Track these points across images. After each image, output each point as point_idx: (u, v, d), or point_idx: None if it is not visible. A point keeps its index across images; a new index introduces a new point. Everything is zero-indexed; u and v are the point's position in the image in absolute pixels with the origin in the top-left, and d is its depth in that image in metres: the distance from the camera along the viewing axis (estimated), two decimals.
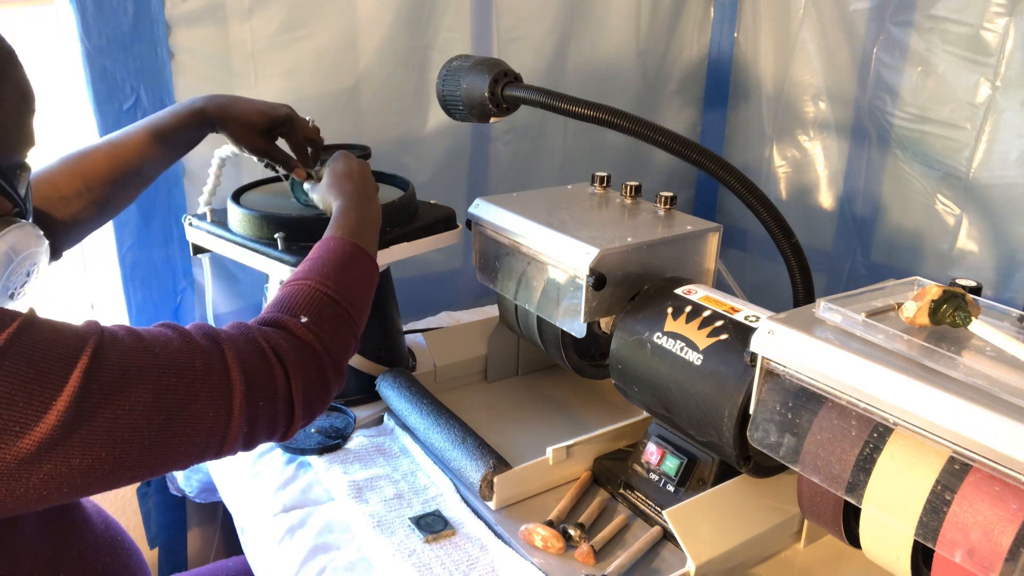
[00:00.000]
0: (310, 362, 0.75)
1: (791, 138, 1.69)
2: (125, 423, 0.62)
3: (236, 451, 0.72)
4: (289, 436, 0.76)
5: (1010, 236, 1.34)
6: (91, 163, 0.97)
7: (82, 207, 0.96)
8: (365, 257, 0.88)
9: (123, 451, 0.63)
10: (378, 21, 1.41)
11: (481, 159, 1.62)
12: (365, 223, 0.92)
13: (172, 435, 0.65)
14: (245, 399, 0.69)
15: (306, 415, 0.76)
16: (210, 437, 0.68)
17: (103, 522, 0.86)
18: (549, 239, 1.03)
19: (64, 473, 0.61)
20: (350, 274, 0.84)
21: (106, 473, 0.63)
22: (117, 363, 0.63)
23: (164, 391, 0.65)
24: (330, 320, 0.79)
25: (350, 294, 0.82)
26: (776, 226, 0.98)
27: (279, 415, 0.73)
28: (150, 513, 1.46)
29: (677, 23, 1.77)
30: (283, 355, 0.73)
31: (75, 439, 0.60)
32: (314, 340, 0.76)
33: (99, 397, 0.61)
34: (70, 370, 0.60)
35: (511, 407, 1.23)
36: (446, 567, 0.88)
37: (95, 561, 0.81)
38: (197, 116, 1.02)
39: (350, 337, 0.82)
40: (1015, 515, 0.59)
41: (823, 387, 0.71)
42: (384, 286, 1.23)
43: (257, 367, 0.71)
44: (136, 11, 1.19)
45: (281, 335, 0.75)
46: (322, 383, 0.77)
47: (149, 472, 0.67)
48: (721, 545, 0.84)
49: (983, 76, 1.31)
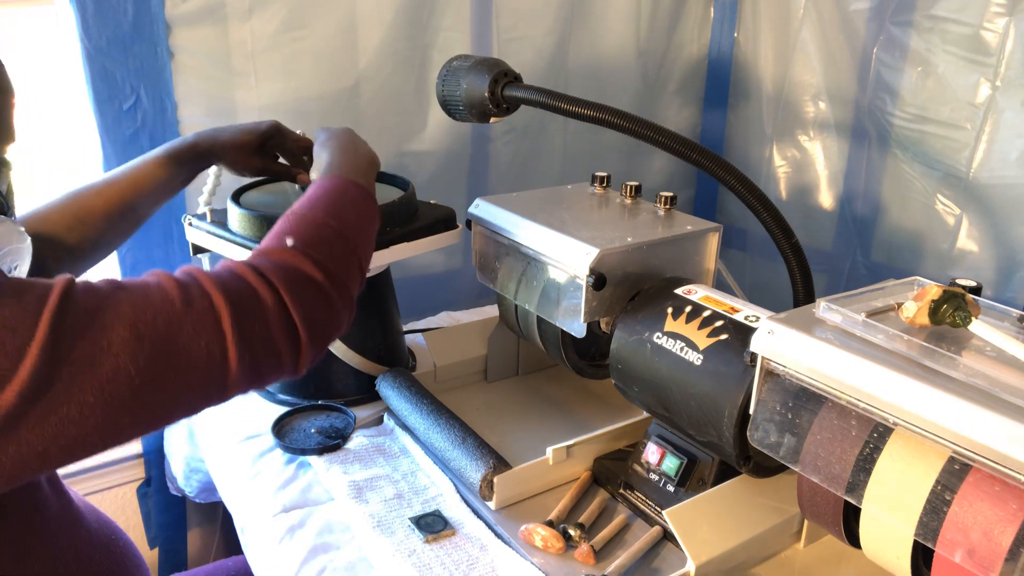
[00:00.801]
0: (302, 280, 0.72)
1: (791, 138, 1.69)
2: (107, 362, 0.60)
3: (245, 385, 0.69)
4: (302, 366, 0.72)
5: (1010, 236, 1.34)
6: (85, 199, 0.98)
7: (75, 242, 0.96)
8: (355, 186, 0.85)
9: (112, 393, 0.60)
10: (378, 21, 1.41)
11: (481, 159, 1.62)
12: (353, 160, 0.90)
13: (164, 370, 0.62)
14: (234, 323, 0.66)
15: (315, 339, 0.72)
16: (208, 371, 0.65)
17: (96, 520, 0.86)
18: (549, 239, 1.03)
19: (55, 423, 0.58)
20: (341, 200, 0.82)
21: (101, 420, 0.60)
22: (88, 302, 0.61)
23: (143, 325, 0.62)
24: (322, 240, 0.76)
25: (342, 217, 0.80)
26: (776, 226, 0.98)
27: (281, 339, 0.69)
28: (150, 513, 1.46)
29: (677, 23, 1.77)
30: (268, 275, 0.70)
31: (58, 384, 0.58)
32: (304, 259, 0.73)
33: (73, 336, 0.59)
34: (39, 314, 0.58)
35: (511, 407, 1.23)
36: (446, 567, 0.88)
37: (91, 560, 0.81)
38: (189, 151, 1.04)
39: (348, 255, 0.78)
40: (1015, 515, 0.59)
41: (823, 387, 0.72)
42: (384, 286, 1.23)
43: (241, 290, 0.68)
44: (136, 11, 1.19)
45: (266, 260, 0.72)
46: (324, 302, 0.73)
47: (151, 417, 0.64)
48: (721, 545, 0.84)
49: (983, 76, 1.31)
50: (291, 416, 1.15)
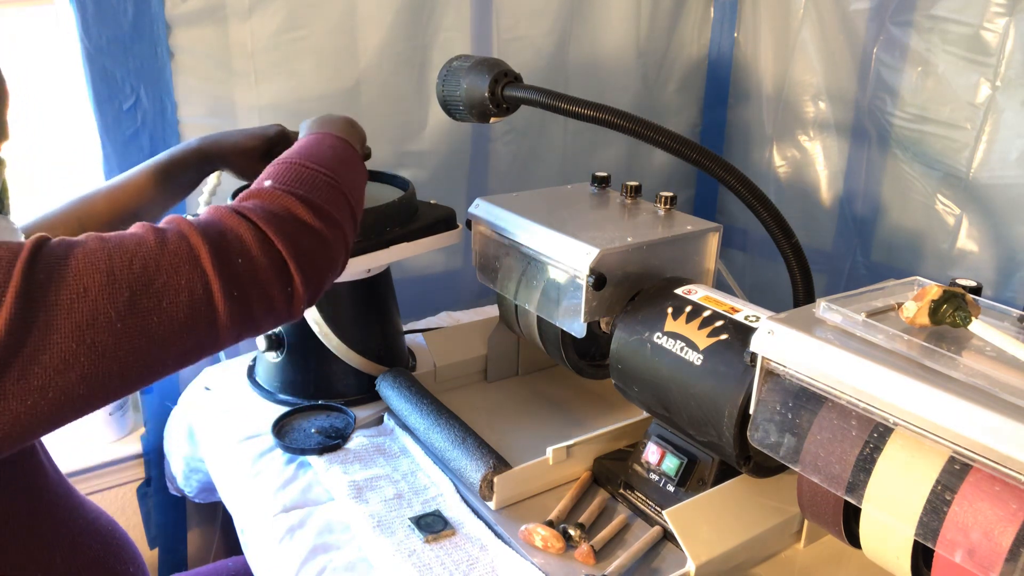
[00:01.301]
0: (284, 215, 0.71)
1: (791, 138, 1.69)
2: (84, 306, 0.59)
3: (240, 327, 0.67)
4: (297, 305, 0.71)
5: (1010, 236, 1.34)
6: (88, 205, 0.98)
7: None
8: (335, 138, 0.85)
9: (94, 338, 0.59)
10: (378, 21, 1.41)
11: (481, 159, 1.62)
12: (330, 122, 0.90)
13: (146, 312, 0.61)
14: (213, 258, 0.65)
15: (307, 274, 0.71)
16: (193, 309, 0.64)
17: (94, 511, 0.86)
18: (549, 239, 1.03)
19: (40, 375, 0.58)
20: (319, 148, 0.82)
21: (86, 368, 0.59)
22: (61, 251, 0.61)
23: (118, 268, 0.61)
24: (302, 178, 0.75)
25: (321, 160, 0.79)
26: (776, 226, 0.98)
27: (269, 275, 0.68)
28: (150, 513, 1.46)
29: (677, 23, 1.77)
30: (247, 213, 0.69)
31: (35, 333, 0.57)
32: (284, 195, 0.72)
33: (46, 284, 0.59)
34: (12, 265, 0.58)
35: (511, 407, 1.23)
36: (446, 567, 0.88)
37: (87, 549, 0.81)
38: (194, 155, 1.03)
39: (332, 190, 0.77)
40: (1015, 515, 0.59)
41: (823, 387, 0.72)
42: (384, 286, 1.23)
43: (216, 226, 0.67)
44: (136, 11, 1.19)
45: (246, 201, 0.71)
46: (310, 234, 0.71)
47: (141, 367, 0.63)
48: (721, 545, 0.84)
49: (983, 76, 1.31)
50: (291, 416, 1.15)
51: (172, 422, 1.32)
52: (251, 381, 1.25)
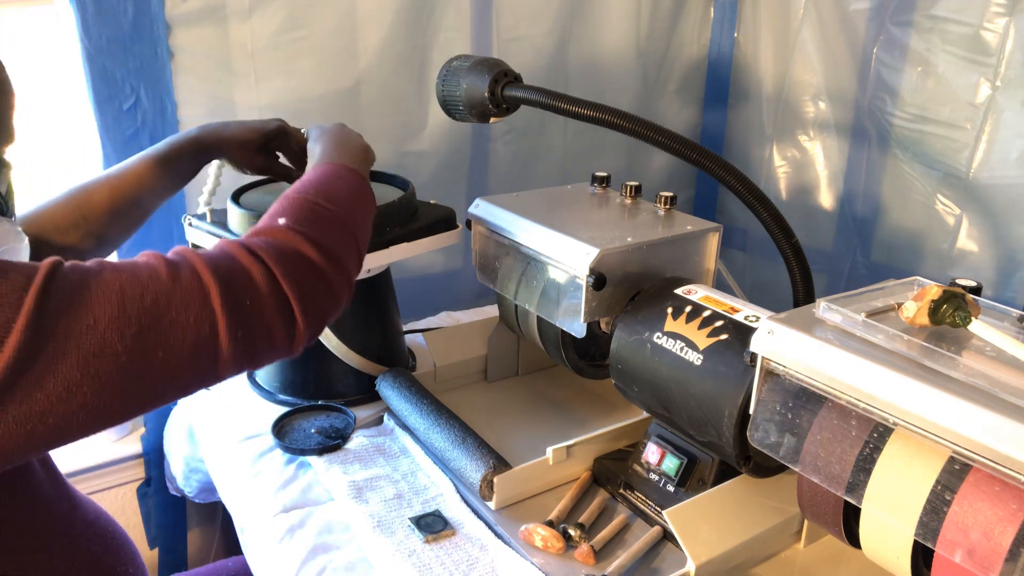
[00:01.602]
0: (294, 256, 0.72)
1: (791, 138, 1.69)
2: (92, 338, 0.60)
3: (239, 364, 0.68)
4: (297, 343, 0.72)
5: (1010, 236, 1.34)
6: (88, 194, 0.98)
7: (79, 238, 0.96)
8: (349, 171, 0.85)
9: (99, 369, 0.60)
10: (378, 21, 1.41)
11: (481, 159, 1.62)
12: (345, 149, 0.90)
13: (152, 347, 0.62)
14: (223, 297, 0.65)
15: (310, 316, 0.71)
16: (198, 347, 0.65)
17: (94, 511, 0.86)
18: (549, 239, 1.03)
19: (42, 401, 0.58)
20: (334, 183, 0.82)
21: (88, 398, 0.60)
22: (75, 279, 0.61)
23: (129, 301, 0.62)
24: (315, 219, 0.76)
25: (335, 198, 0.80)
26: (776, 226, 0.98)
27: (273, 315, 0.69)
28: (150, 513, 1.46)
29: (677, 23, 1.77)
30: (258, 252, 0.70)
31: (43, 360, 0.58)
32: (295, 235, 0.73)
33: (57, 313, 0.59)
34: (25, 291, 0.58)
35: (511, 407, 1.23)
36: (446, 567, 0.88)
37: (87, 550, 0.81)
38: (193, 144, 1.03)
39: (342, 233, 0.78)
40: (1015, 515, 0.59)
41: (823, 387, 0.71)
42: (384, 286, 1.23)
43: (231, 266, 0.68)
44: (136, 11, 1.19)
45: (258, 238, 0.72)
46: (318, 279, 0.73)
47: (142, 397, 0.63)
48: (721, 545, 0.84)
49: (983, 76, 1.31)
50: (291, 416, 1.15)
51: (172, 422, 1.32)
52: (251, 381, 1.25)
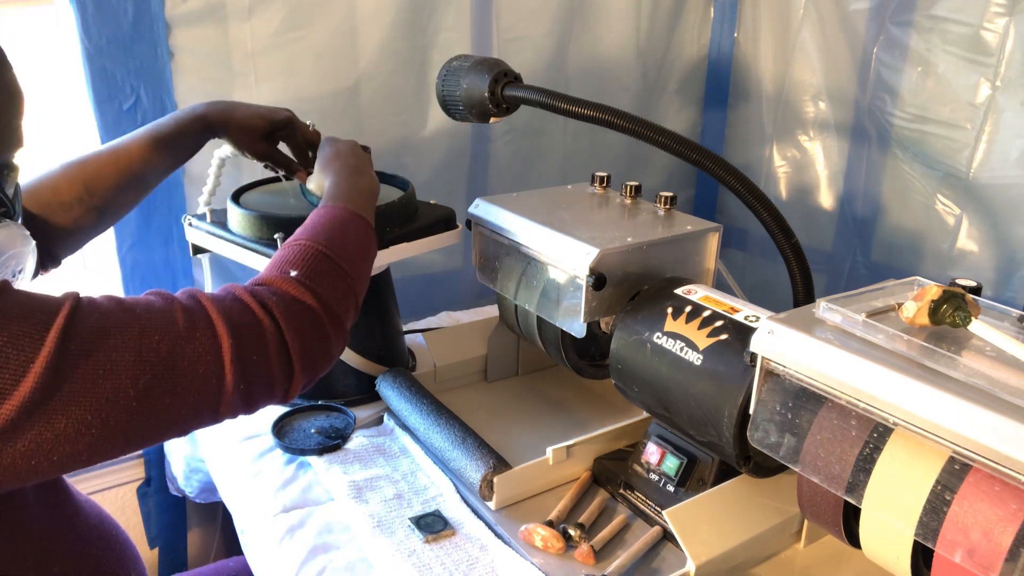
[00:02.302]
0: (302, 313, 0.74)
1: (791, 138, 1.69)
2: (108, 383, 0.61)
3: (237, 412, 0.70)
4: (291, 395, 0.74)
5: (1010, 236, 1.34)
6: (93, 169, 0.97)
7: (82, 213, 0.96)
8: (357, 219, 0.87)
9: (109, 414, 0.61)
10: (378, 21, 1.41)
11: (481, 159, 1.62)
12: (357, 191, 0.92)
13: (161, 394, 0.64)
14: (234, 353, 0.67)
15: (307, 371, 0.74)
16: (203, 396, 0.66)
17: (96, 515, 0.86)
18: (549, 239, 1.03)
19: (50, 439, 0.59)
20: (343, 233, 0.84)
21: (95, 439, 0.61)
22: (95, 323, 0.62)
23: (147, 349, 0.63)
24: (323, 273, 0.78)
25: (343, 250, 0.81)
26: (776, 226, 0.98)
27: (276, 370, 0.71)
28: (150, 513, 1.46)
29: (677, 23, 1.77)
30: (271, 306, 0.72)
31: (56, 402, 0.59)
32: (305, 291, 0.75)
33: (77, 357, 0.60)
34: (46, 331, 0.59)
35: (511, 407, 1.23)
36: (446, 567, 0.88)
37: (88, 555, 0.81)
38: (199, 122, 1.03)
39: (346, 291, 0.80)
40: (1015, 515, 0.59)
41: (823, 387, 0.71)
42: (384, 286, 1.23)
43: (243, 320, 0.69)
44: (136, 11, 1.19)
45: (269, 290, 0.74)
46: (319, 335, 0.75)
47: (143, 438, 0.65)
48: (721, 545, 0.84)
49: (983, 76, 1.31)
50: (291, 416, 1.15)
51: None
52: None
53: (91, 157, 0.98)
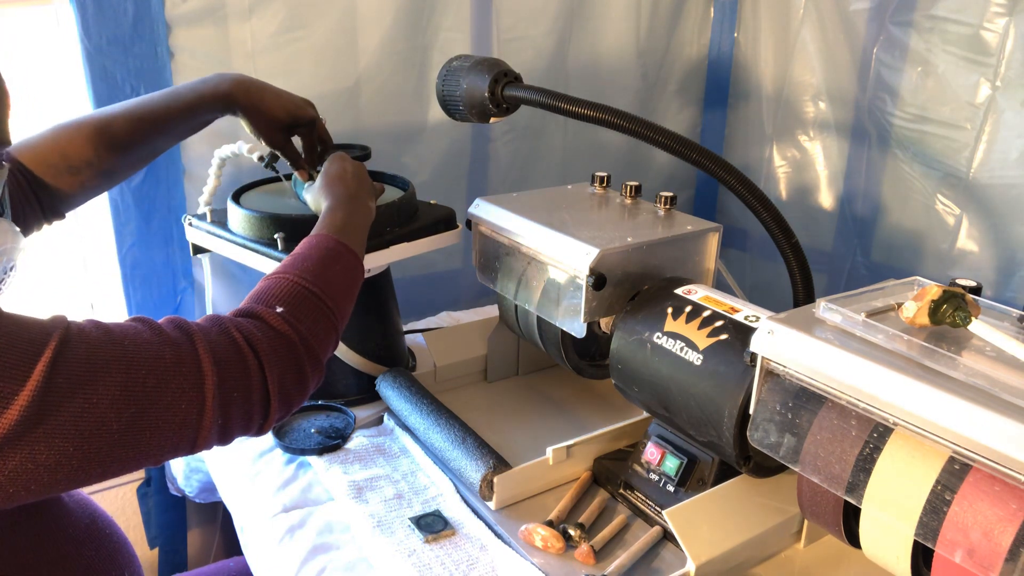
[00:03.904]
0: (285, 353, 0.74)
1: (791, 138, 1.69)
2: (93, 416, 0.61)
3: (211, 445, 0.71)
4: (265, 430, 0.75)
5: (1010, 236, 1.34)
6: (105, 134, 0.96)
7: (90, 176, 0.96)
8: (348, 253, 0.87)
9: (91, 445, 0.61)
10: (378, 21, 1.41)
11: (481, 159, 1.62)
12: (352, 223, 0.91)
13: (143, 428, 0.64)
14: (218, 390, 0.68)
15: (283, 407, 0.75)
16: (183, 430, 0.67)
17: (88, 516, 0.85)
18: (549, 239, 1.03)
19: (30, 469, 0.59)
20: (331, 268, 0.84)
21: (74, 468, 0.61)
22: (84, 356, 0.62)
23: (133, 384, 0.63)
24: (308, 312, 0.78)
25: (329, 288, 0.81)
26: (776, 226, 0.98)
27: (254, 407, 0.72)
28: (150, 513, 1.46)
29: (677, 23, 1.77)
30: (256, 345, 0.72)
31: (39, 433, 0.59)
32: (289, 330, 0.75)
33: (65, 390, 0.60)
34: (34, 363, 0.59)
35: (511, 407, 1.23)
36: (446, 567, 0.88)
37: (78, 556, 0.81)
38: (222, 99, 1.01)
39: (329, 330, 0.80)
40: (1015, 515, 0.59)
41: (823, 387, 0.72)
42: (384, 286, 1.23)
43: (230, 357, 0.70)
44: (136, 11, 1.19)
45: (256, 325, 0.74)
46: (298, 374, 0.75)
47: (120, 467, 0.65)
48: (721, 545, 0.84)
49: (983, 76, 1.31)
50: (291, 416, 1.15)
51: None
52: None
53: (105, 115, 0.97)
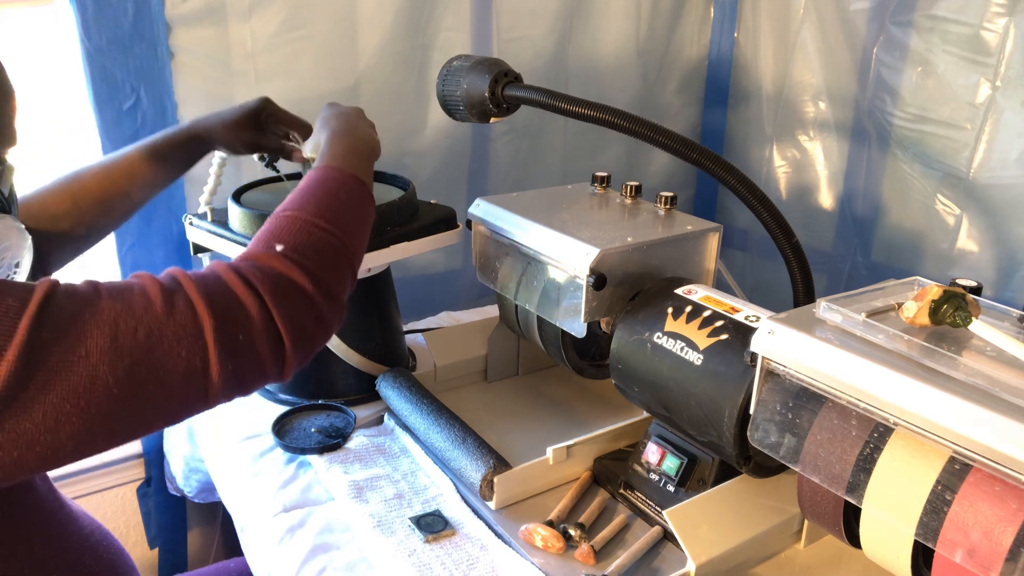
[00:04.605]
0: (289, 288, 0.70)
1: (791, 138, 1.69)
2: (84, 370, 0.59)
3: (230, 394, 0.68)
4: (286, 373, 0.71)
5: (1010, 236, 1.34)
6: (81, 183, 0.98)
7: (71, 226, 0.96)
8: (352, 180, 0.83)
9: (89, 401, 0.59)
10: (378, 21, 1.41)
11: (481, 159, 1.62)
12: (352, 150, 0.87)
13: (143, 381, 0.62)
14: (217, 332, 0.65)
15: (300, 348, 0.71)
16: (189, 380, 0.64)
17: (89, 525, 0.86)
18: (549, 239, 1.03)
19: (30, 429, 0.58)
20: (335, 198, 0.80)
21: (77, 428, 0.60)
22: (69, 309, 0.60)
23: (123, 334, 0.61)
24: (312, 245, 0.74)
25: (336, 217, 0.78)
26: (776, 226, 0.98)
27: (265, 348, 0.68)
28: (150, 513, 1.46)
29: (677, 23, 1.77)
30: (254, 282, 0.69)
31: (31, 390, 0.57)
32: (291, 266, 0.72)
33: (50, 342, 0.58)
34: (19, 318, 0.58)
35: (511, 407, 1.23)
36: (446, 567, 0.88)
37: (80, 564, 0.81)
38: (185, 135, 1.04)
39: (340, 260, 0.76)
40: (1015, 515, 0.59)
41: (823, 387, 0.72)
42: (384, 286, 1.23)
43: (225, 298, 0.67)
44: (136, 11, 1.19)
45: (252, 265, 0.71)
46: (311, 310, 0.72)
47: (131, 428, 0.63)
48: (721, 545, 0.84)
49: (983, 76, 1.31)
50: (291, 415, 1.15)
51: None
52: None
53: (81, 172, 0.99)
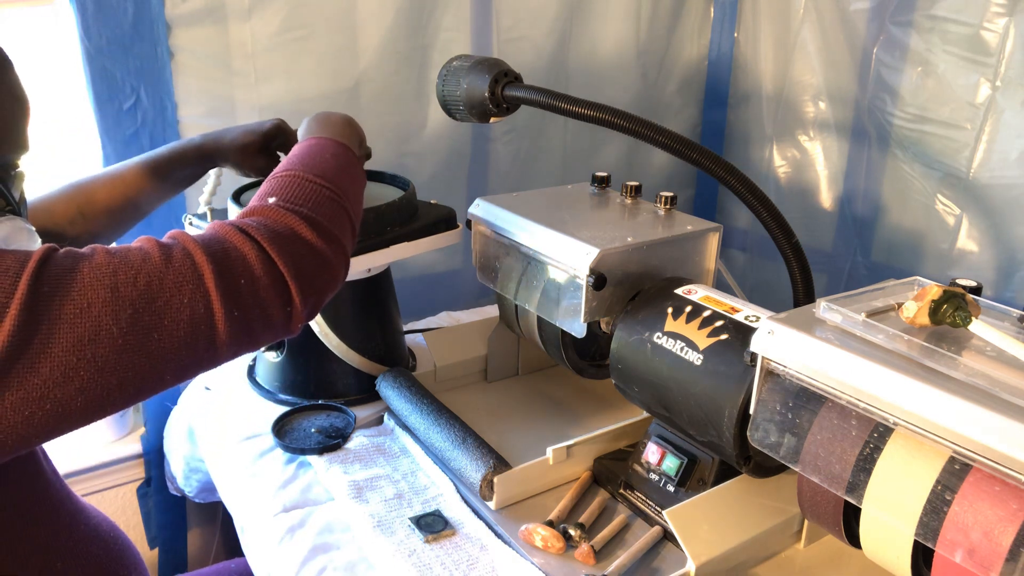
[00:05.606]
0: (290, 235, 0.72)
1: (791, 138, 1.69)
2: (85, 321, 0.60)
3: (238, 344, 0.68)
4: (295, 322, 0.72)
5: (1010, 236, 1.34)
6: (87, 192, 0.99)
7: (76, 235, 0.97)
8: (338, 145, 0.85)
9: (95, 354, 0.60)
10: (378, 21, 1.41)
11: (481, 159, 1.62)
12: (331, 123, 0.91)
13: (148, 330, 0.62)
14: (216, 277, 0.66)
15: (308, 294, 0.71)
16: (194, 328, 0.64)
17: (96, 517, 0.86)
18: (549, 239, 1.03)
19: (38, 385, 0.58)
20: (322, 158, 0.82)
21: (85, 382, 0.60)
22: (68, 265, 0.61)
23: (122, 285, 0.62)
24: (306, 194, 0.76)
25: (326, 171, 0.80)
26: (776, 226, 0.98)
27: (270, 294, 0.69)
28: (150, 513, 1.46)
29: (677, 23, 1.77)
30: (251, 231, 0.70)
31: (36, 344, 0.58)
32: (286, 212, 0.73)
33: (50, 296, 0.59)
34: (19, 275, 0.59)
35: (511, 407, 1.23)
36: (446, 567, 0.88)
37: (90, 554, 0.81)
38: (195, 152, 1.05)
39: (337, 209, 0.78)
40: (1015, 515, 0.59)
41: (823, 387, 0.72)
42: (384, 286, 1.23)
43: (221, 245, 0.68)
44: (136, 11, 1.19)
45: (249, 218, 0.72)
46: (313, 255, 0.73)
47: (140, 381, 0.63)
48: (721, 545, 0.84)
49: (983, 76, 1.31)
50: (291, 416, 1.15)
51: (172, 422, 1.32)
52: (251, 381, 1.25)
53: (87, 181, 1.00)
